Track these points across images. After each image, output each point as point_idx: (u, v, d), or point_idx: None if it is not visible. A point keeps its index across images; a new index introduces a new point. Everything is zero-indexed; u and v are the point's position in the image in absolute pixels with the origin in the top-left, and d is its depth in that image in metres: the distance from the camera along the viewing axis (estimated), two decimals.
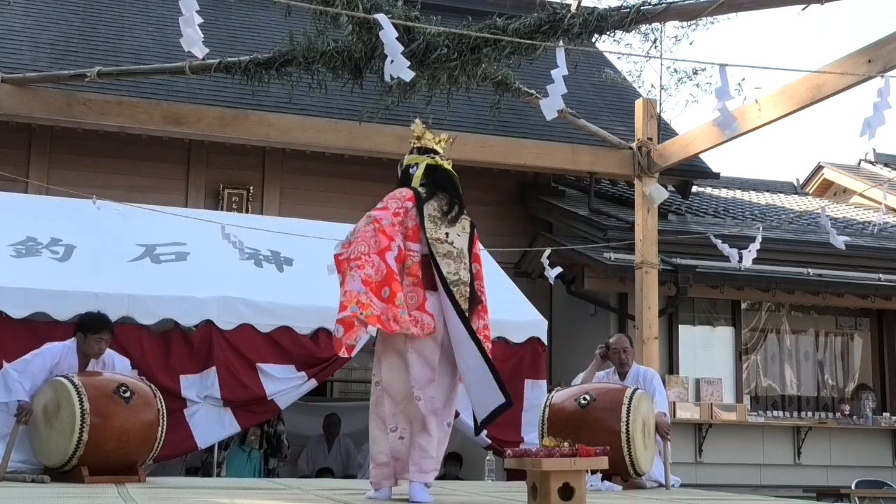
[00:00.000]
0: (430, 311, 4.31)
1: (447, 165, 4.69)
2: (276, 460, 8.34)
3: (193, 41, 4.64)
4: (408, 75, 4.75)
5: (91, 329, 5.66)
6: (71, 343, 5.68)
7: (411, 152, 4.74)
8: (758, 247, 7.35)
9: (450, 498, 4.72)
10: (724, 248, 7.39)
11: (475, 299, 4.47)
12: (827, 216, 7.08)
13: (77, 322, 5.77)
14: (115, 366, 5.79)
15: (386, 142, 7.89)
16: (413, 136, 4.77)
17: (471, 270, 4.49)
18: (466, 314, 4.33)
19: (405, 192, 4.51)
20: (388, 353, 4.38)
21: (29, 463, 5.44)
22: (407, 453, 4.33)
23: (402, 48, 4.75)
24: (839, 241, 6.96)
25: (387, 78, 4.95)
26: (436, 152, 4.70)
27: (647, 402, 5.93)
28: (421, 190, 4.54)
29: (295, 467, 8.82)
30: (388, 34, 4.67)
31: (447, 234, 4.46)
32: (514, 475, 6.46)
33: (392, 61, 4.69)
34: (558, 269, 7.77)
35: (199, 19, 4.64)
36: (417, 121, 4.80)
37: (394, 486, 4.42)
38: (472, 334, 4.28)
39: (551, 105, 5.32)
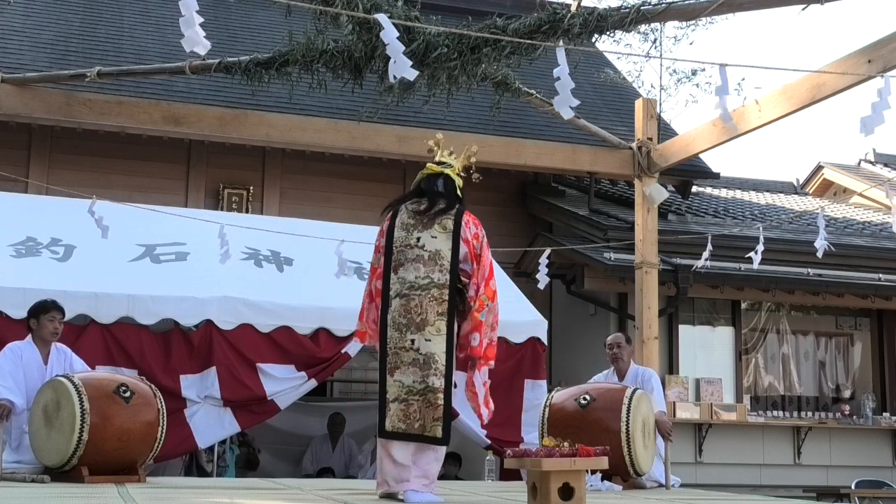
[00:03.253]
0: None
1: (448, 171, 4.73)
2: (246, 451, 8.46)
3: (195, 41, 4.63)
4: (411, 75, 4.74)
5: (42, 310, 5.74)
6: (27, 340, 5.74)
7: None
8: (762, 248, 7.37)
9: (450, 498, 4.72)
10: (706, 255, 7.56)
11: (457, 301, 4.46)
12: (826, 216, 7.11)
13: (27, 313, 5.81)
14: (74, 367, 5.79)
15: (386, 142, 7.90)
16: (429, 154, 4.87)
17: (452, 271, 4.46)
18: (404, 325, 4.41)
19: (388, 214, 4.70)
20: None
21: (29, 463, 5.45)
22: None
23: (403, 48, 4.75)
24: (821, 245, 7.10)
25: (390, 79, 4.96)
26: (444, 163, 4.77)
27: (647, 402, 5.93)
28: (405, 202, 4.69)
29: (298, 466, 8.83)
30: (389, 34, 4.67)
31: (419, 238, 4.50)
32: (511, 475, 6.47)
33: (395, 62, 4.69)
34: (546, 279, 7.74)
35: (199, 19, 4.63)
36: (430, 141, 4.86)
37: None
38: (383, 358, 4.42)
39: (564, 102, 5.28)
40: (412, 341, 4.38)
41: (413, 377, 4.36)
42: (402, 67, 4.71)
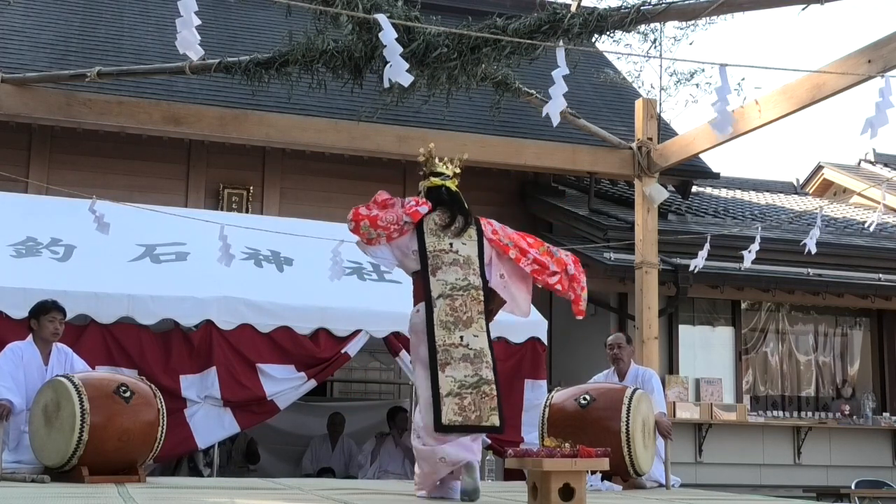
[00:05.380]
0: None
1: (450, 185, 4.98)
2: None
3: (189, 43, 4.62)
4: (406, 80, 4.81)
5: (42, 311, 5.74)
6: (28, 340, 5.74)
7: (424, 178, 5.07)
8: (757, 247, 7.38)
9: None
10: (703, 254, 7.60)
11: (489, 299, 4.85)
12: (826, 216, 7.15)
13: (28, 314, 5.82)
14: (75, 367, 5.79)
15: (386, 142, 7.90)
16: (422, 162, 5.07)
17: (482, 274, 4.79)
18: (449, 325, 4.65)
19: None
20: (417, 362, 4.75)
21: (29, 463, 5.45)
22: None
23: (401, 50, 4.76)
24: (811, 244, 7.24)
25: (385, 83, 5.00)
26: (442, 174, 4.99)
27: (647, 401, 5.93)
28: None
29: (298, 466, 8.83)
30: (388, 36, 4.68)
31: (451, 244, 4.78)
32: (512, 475, 6.47)
33: (391, 66, 4.71)
34: None
35: (196, 21, 4.63)
36: (422, 149, 5.05)
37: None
38: (433, 355, 4.59)
39: (554, 107, 5.33)
40: (461, 338, 4.62)
41: (465, 371, 4.58)
42: (397, 71, 4.73)
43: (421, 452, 4.65)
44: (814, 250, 7.35)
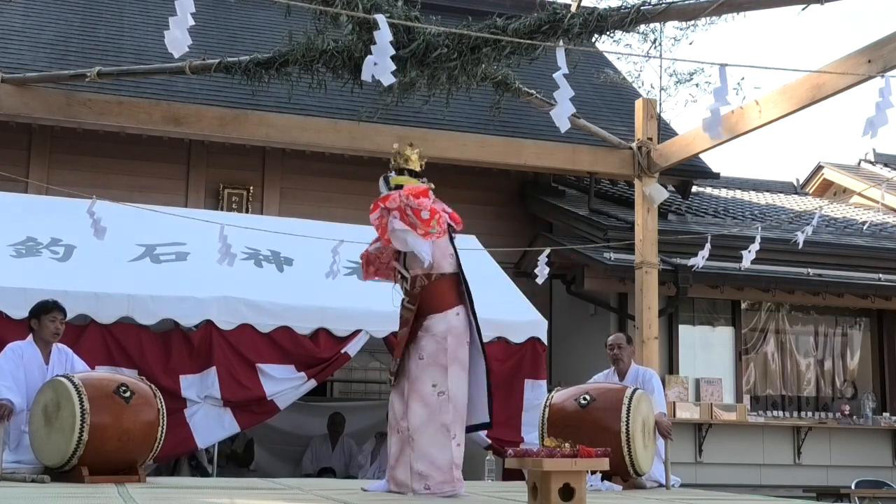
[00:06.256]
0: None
1: (430, 187, 4.95)
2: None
3: (177, 41, 4.62)
4: (388, 80, 4.81)
5: (43, 311, 5.74)
6: (28, 340, 5.74)
7: (400, 172, 4.97)
8: (757, 247, 7.39)
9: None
10: (703, 253, 7.62)
11: None
12: (826, 216, 7.17)
13: (29, 313, 5.82)
14: (75, 367, 5.79)
15: (386, 142, 7.86)
16: (399, 157, 4.97)
17: None
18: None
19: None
20: (455, 364, 4.70)
21: (29, 463, 5.45)
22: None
23: (392, 52, 4.75)
24: (800, 238, 7.41)
25: (366, 77, 4.91)
26: (417, 174, 4.95)
27: (647, 402, 5.93)
28: None
29: (298, 466, 8.83)
30: (383, 38, 4.68)
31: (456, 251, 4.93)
32: (512, 475, 6.46)
33: (376, 64, 4.70)
34: (546, 275, 7.76)
35: (191, 21, 4.63)
36: (399, 145, 5.03)
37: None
38: (484, 350, 4.78)
39: (561, 112, 5.29)
40: (469, 343, 4.81)
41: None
42: (382, 71, 4.72)
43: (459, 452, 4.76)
44: (800, 245, 7.39)
